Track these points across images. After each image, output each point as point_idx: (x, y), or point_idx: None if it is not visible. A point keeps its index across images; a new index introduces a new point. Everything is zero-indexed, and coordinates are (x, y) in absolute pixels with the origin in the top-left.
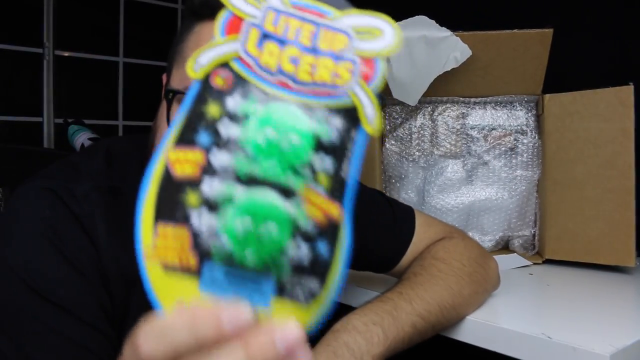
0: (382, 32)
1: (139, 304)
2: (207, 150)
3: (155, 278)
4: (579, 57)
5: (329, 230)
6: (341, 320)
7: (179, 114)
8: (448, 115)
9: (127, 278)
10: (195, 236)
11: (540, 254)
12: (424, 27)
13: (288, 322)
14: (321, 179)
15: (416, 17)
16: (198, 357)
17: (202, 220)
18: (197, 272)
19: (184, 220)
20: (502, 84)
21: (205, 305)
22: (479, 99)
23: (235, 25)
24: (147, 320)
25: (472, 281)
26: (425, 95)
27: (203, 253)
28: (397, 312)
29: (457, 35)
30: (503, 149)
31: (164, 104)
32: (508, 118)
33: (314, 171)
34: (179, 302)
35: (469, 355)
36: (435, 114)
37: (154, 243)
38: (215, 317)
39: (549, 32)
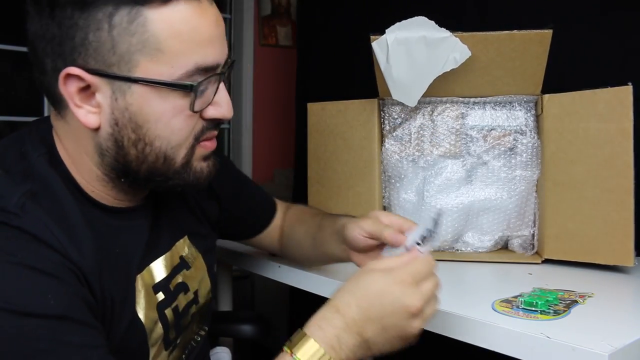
0: None
1: (109, 282)
2: None
3: None
4: (578, 57)
5: None
6: None
7: None
8: (447, 116)
9: (95, 261)
10: None
11: (539, 253)
12: (423, 28)
13: None
14: None
15: (416, 17)
16: None
17: None
18: None
19: None
20: (502, 84)
21: None
22: (478, 99)
23: None
24: None
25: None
26: (424, 95)
27: None
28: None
29: (456, 36)
30: (502, 149)
31: (158, 95)
32: (507, 118)
33: None
34: None
35: (468, 355)
36: (435, 114)
37: None
38: None
39: (548, 32)
